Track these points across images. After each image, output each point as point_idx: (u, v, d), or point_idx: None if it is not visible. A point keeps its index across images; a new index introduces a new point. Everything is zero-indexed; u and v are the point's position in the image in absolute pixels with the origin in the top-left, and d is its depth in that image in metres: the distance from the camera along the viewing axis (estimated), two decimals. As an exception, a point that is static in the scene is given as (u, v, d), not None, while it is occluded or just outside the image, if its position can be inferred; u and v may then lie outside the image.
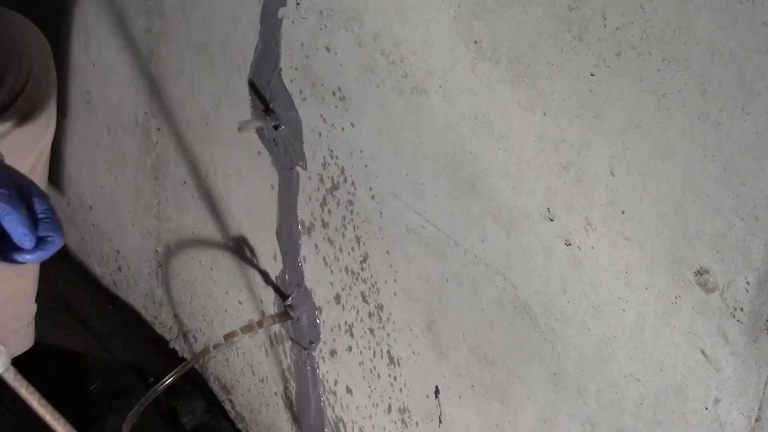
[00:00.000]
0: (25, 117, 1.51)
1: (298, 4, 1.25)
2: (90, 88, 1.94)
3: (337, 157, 1.29)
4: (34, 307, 1.62)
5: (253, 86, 1.42)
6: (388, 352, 1.31)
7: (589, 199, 0.94)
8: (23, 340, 1.63)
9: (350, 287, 1.35)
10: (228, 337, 1.33)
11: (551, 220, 0.99)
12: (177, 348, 1.88)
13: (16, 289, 1.56)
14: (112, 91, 1.86)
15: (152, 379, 1.77)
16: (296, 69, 1.31)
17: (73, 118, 2.04)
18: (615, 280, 0.94)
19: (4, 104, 1.48)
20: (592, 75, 0.89)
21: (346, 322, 1.38)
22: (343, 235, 1.32)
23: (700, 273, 0.85)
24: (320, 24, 1.23)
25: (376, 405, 1.35)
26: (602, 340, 0.97)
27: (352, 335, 1.38)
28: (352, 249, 1.32)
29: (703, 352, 0.87)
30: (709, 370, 0.87)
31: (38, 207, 1.09)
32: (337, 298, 1.38)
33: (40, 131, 1.55)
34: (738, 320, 0.83)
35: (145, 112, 1.79)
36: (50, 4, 1.95)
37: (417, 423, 1.28)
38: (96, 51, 1.87)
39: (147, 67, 1.71)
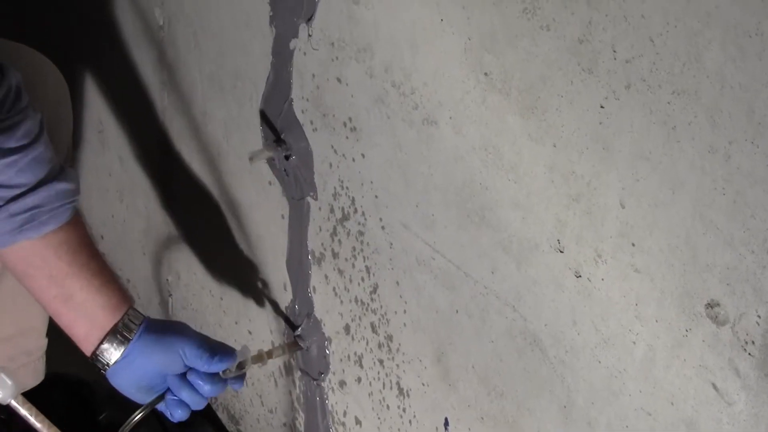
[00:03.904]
0: None
1: (309, 35, 1.26)
2: (103, 118, 1.95)
3: (347, 188, 1.29)
4: (44, 341, 1.62)
5: (264, 116, 1.42)
6: (398, 383, 1.30)
7: (599, 230, 0.94)
8: (34, 374, 1.63)
9: (360, 318, 1.35)
10: (237, 367, 1.33)
11: (561, 252, 0.98)
12: (187, 378, 1.87)
13: (27, 324, 1.57)
14: (124, 121, 1.87)
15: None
16: (307, 100, 1.31)
17: (85, 148, 2.05)
18: (625, 313, 0.93)
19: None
20: (602, 107, 0.89)
21: (355, 353, 1.38)
22: (353, 266, 1.32)
23: (710, 306, 0.85)
24: (331, 55, 1.23)
25: (386, 436, 1.35)
26: (612, 372, 0.97)
27: (361, 366, 1.37)
28: (362, 279, 1.32)
29: (714, 386, 0.87)
30: (721, 403, 0.86)
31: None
32: (347, 328, 1.38)
33: None
34: (749, 354, 0.83)
35: (157, 142, 1.79)
36: (65, 37, 1.97)
37: (426, 455, 1.28)
38: (109, 81, 1.88)
39: (159, 97, 1.72)
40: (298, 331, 1.48)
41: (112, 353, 1.28)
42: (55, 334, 1.63)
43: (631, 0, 0.83)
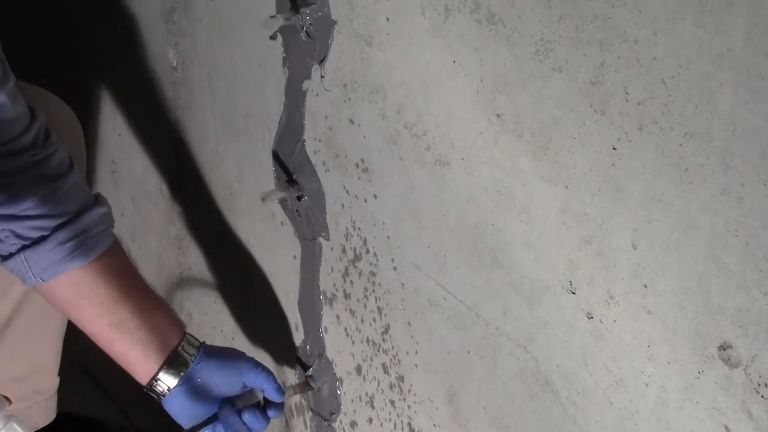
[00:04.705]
0: None
1: (322, 76, 1.27)
2: (116, 157, 1.96)
3: (359, 228, 1.29)
4: (56, 380, 1.62)
5: (276, 157, 1.43)
6: (409, 424, 1.30)
7: (611, 272, 0.94)
8: (45, 413, 1.63)
9: (371, 358, 1.34)
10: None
11: (573, 293, 0.98)
12: (197, 418, 1.87)
13: (38, 363, 1.57)
14: (137, 160, 1.88)
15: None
16: (320, 140, 1.32)
17: (98, 188, 2.06)
18: (637, 354, 0.93)
19: None
20: (614, 149, 0.89)
21: (366, 394, 1.37)
22: (365, 306, 1.32)
23: (723, 348, 0.85)
24: (344, 96, 1.24)
25: (397, 478, 1.34)
26: (624, 414, 0.96)
27: (372, 407, 1.37)
28: (374, 320, 1.32)
29: (726, 428, 0.86)
30: (733, 446, 0.86)
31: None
32: (358, 369, 1.38)
33: None
34: (762, 396, 0.83)
35: (170, 182, 1.80)
36: (78, 76, 1.98)
37: (437, 497, 1.27)
38: (122, 121, 1.89)
39: (172, 137, 1.73)
40: (310, 372, 1.48)
41: (170, 380, 1.28)
42: (65, 369, 1.63)
43: (644, 42, 0.83)
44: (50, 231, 1.21)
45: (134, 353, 1.28)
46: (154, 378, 1.28)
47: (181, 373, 1.28)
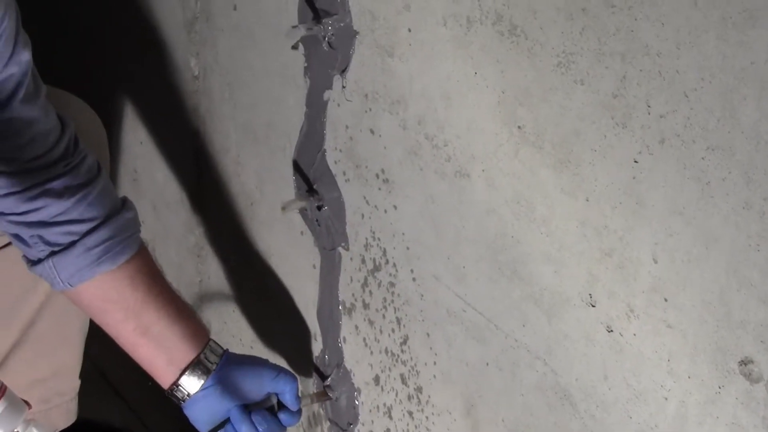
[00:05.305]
0: None
1: (343, 87, 1.27)
2: (137, 166, 1.96)
3: (379, 239, 1.29)
4: (77, 382, 1.63)
5: (297, 167, 1.43)
6: (427, 435, 1.30)
7: (632, 285, 0.93)
8: (66, 416, 1.63)
9: (390, 369, 1.34)
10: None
11: (593, 306, 0.98)
12: (215, 426, 1.87)
13: (60, 365, 1.57)
14: (158, 169, 1.88)
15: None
16: (340, 151, 1.32)
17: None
18: (657, 368, 0.93)
19: None
20: (635, 162, 0.89)
21: (384, 404, 1.37)
22: (384, 317, 1.32)
23: (744, 363, 0.84)
24: (365, 107, 1.24)
25: (414, 489, 1.34)
26: (644, 428, 0.96)
27: (390, 417, 1.37)
28: (393, 330, 1.31)
29: (747, 444, 0.86)
30: (754, 462, 0.86)
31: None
32: (377, 379, 1.38)
33: None
34: (783, 412, 0.82)
35: (190, 191, 1.81)
36: (101, 84, 1.99)
37: None
38: (144, 130, 1.90)
39: (193, 146, 1.73)
40: (328, 381, 1.48)
41: (192, 385, 1.29)
42: (85, 377, 1.64)
43: (666, 55, 0.83)
44: (80, 236, 1.22)
45: (157, 358, 1.30)
46: (176, 383, 1.29)
47: (203, 380, 1.29)
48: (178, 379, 1.29)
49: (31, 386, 1.51)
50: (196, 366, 1.30)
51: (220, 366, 1.30)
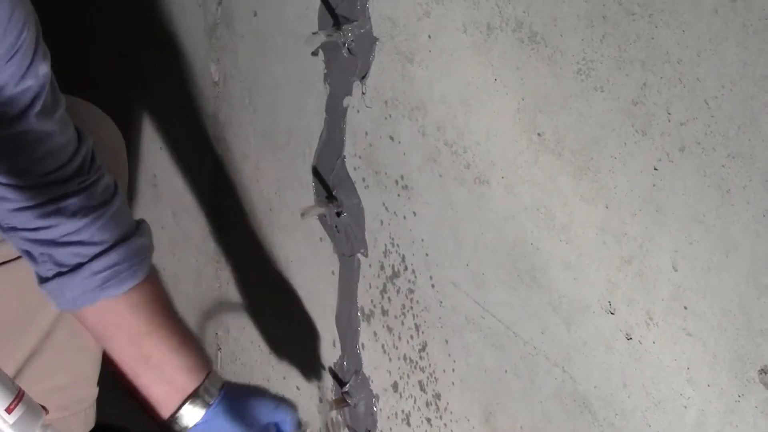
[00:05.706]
0: None
1: (363, 93, 1.27)
2: (157, 171, 1.97)
3: (398, 245, 1.29)
4: (95, 390, 1.63)
5: (316, 173, 1.43)
6: (445, 442, 1.30)
7: (651, 293, 0.93)
8: (84, 423, 1.64)
9: (408, 375, 1.34)
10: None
11: (612, 314, 0.98)
12: (233, 432, 1.87)
13: (78, 372, 1.58)
14: (177, 174, 1.89)
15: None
16: (360, 157, 1.32)
17: (138, 201, 2.07)
18: (676, 377, 0.93)
19: None
20: (655, 169, 0.89)
21: (403, 411, 1.37)
22: (403, 323, 1.32)
23: (764, 371, 0.84)
24: (384, 113, 1.24)
25: (432, 496, 1.34)
26: (663, 437, 0.96)
27: (408, 424, 1.37)
28: (411, 337, 1.31)
29: (766, 453, 0.86)
30: (773, 471, 0.85)
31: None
32: (395, 386, 1.38)
33: None
34: (803, 421, 0.82)
35: (209, 197, 1.81)
36: (122, 89, 2.00)
37: None
38: (164, 135, 1.90)
39: (212, 152, 1.74)
40: (346, 388, 1.48)
41: (190, 417, 1.28)
42: (103, 383, 1.64)
43: (687, 63, 0.83)
44: (87, 259, 1.20)
45: (157, 389, 1.28)
46: (174, 415, 1.28)
47: (201, 413, 1.28)
48: (178, 410, 1.28)
49: (49, 394, 1.51)
50: (194, 399, 1.28)
51: (220, 398, 1.29)
